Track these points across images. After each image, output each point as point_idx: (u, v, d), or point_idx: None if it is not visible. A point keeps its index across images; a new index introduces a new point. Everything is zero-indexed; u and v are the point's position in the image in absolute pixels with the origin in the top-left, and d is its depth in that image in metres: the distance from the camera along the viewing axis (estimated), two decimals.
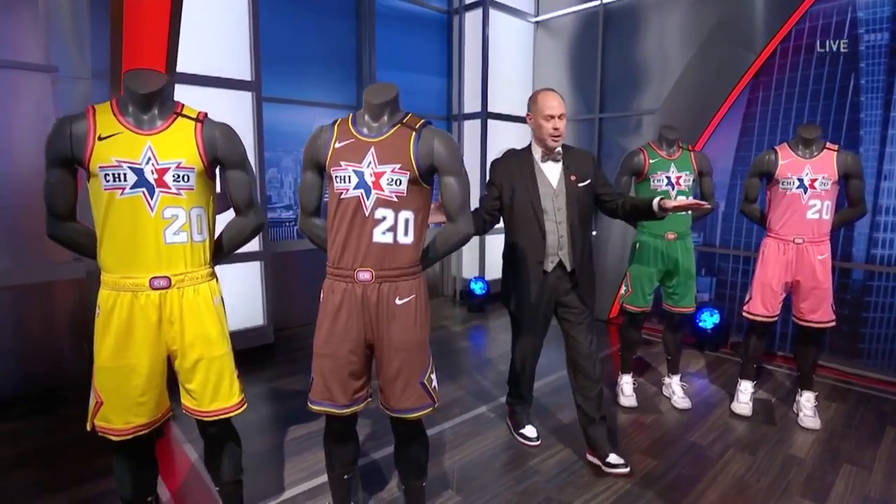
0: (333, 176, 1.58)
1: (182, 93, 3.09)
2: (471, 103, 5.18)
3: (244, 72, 3.48)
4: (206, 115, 1.62)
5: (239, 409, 1.70)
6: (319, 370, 1.66)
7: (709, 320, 3.95)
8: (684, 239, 2.89)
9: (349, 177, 1.55)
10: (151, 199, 1.48)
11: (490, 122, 5.05)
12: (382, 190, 1.54)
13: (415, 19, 5.06)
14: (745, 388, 2.99)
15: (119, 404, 1.53)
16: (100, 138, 1.45)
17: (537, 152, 2.30)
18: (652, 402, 3.10)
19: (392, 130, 1.58)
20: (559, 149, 2.27)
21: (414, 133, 1.58)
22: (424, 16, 5.13)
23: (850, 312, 3.53)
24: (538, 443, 2.57)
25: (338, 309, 1.61)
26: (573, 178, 2.25)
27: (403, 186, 1.55)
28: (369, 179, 1.54)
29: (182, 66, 3.00)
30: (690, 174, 2.84)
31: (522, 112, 6.19)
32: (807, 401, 2.87)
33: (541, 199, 2.25)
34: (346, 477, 1.84)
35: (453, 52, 5.26)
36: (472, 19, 5.06)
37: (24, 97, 2.84)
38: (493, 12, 4.94)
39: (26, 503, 2.09)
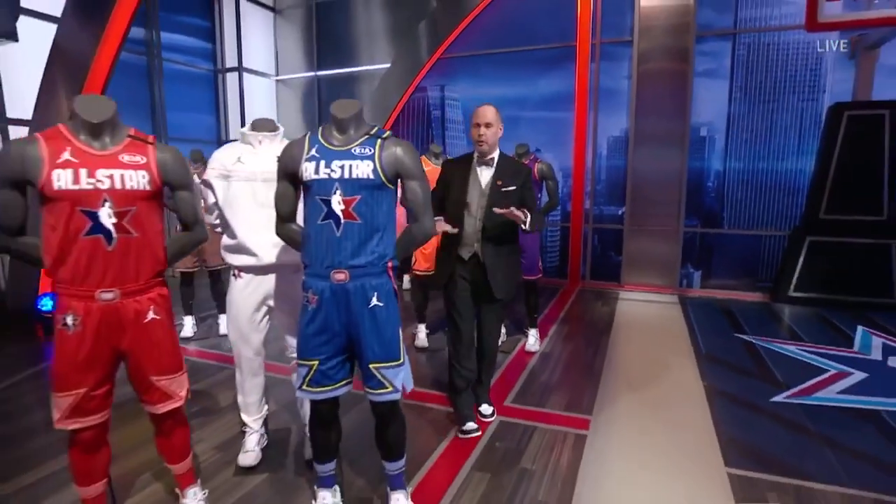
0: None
1: None
2: (234, 132, 7.83)
3: None
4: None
5: None
6: None
7: None
8: None
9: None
10: None
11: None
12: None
13: (195, 77, 7.51)
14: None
15: None
16: None
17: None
18: None
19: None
20: (493, 156, 2.53)
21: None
22: (200, 75, 7.62)
23: None
24: None
25: None
26: (499, 183, 2.52)
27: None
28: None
29: None
30: None
31: None
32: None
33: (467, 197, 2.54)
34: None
35: (219, 99, 7.84)
36: (232, 77, 7.73)
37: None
38: (246, 74, 7.69)
39: None
